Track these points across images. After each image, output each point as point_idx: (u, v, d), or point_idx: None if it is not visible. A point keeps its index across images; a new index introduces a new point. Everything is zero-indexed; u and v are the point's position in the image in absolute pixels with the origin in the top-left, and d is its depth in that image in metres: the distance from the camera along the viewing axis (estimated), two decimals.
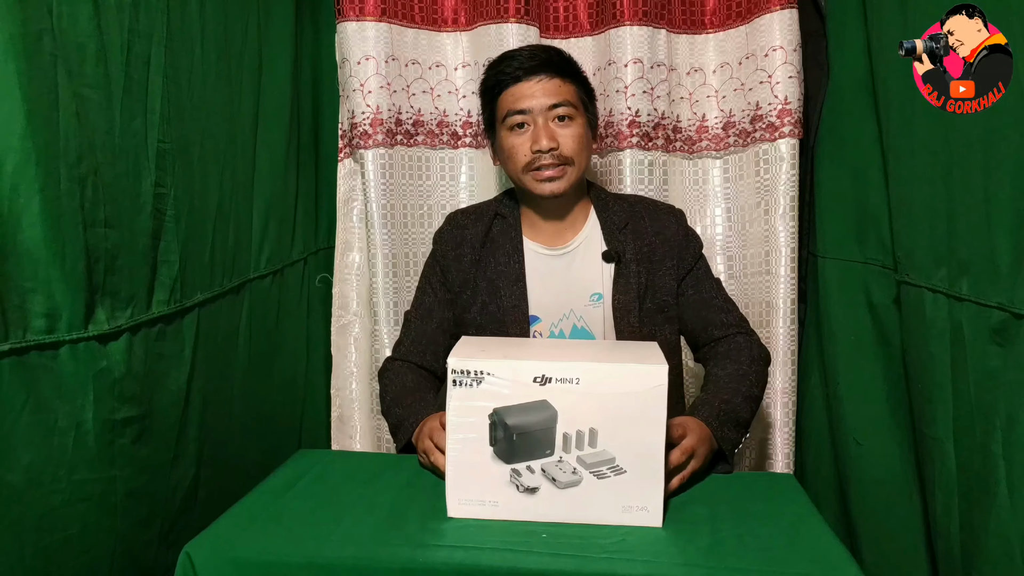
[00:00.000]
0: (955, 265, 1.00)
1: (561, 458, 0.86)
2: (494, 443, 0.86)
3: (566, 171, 1.17)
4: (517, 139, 1.18)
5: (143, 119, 0.98)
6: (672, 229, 1.25)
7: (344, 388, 1.70)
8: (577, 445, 0.86)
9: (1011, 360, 0.88)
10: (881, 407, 1.28)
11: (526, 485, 0.87)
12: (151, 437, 1.00)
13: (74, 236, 0.84)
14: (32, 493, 0.80)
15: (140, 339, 0.97)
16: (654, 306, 1.21)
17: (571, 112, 1.17)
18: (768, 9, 1.52)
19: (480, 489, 0.87)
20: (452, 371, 0.86)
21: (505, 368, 0.85)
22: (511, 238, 1.24)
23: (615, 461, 0.86)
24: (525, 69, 1.17)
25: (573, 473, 0.86)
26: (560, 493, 0.86)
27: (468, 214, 1.31)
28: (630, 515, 0.86)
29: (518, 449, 0.86)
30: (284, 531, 0.85)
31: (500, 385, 0.85)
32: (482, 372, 0.85)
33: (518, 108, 1.17)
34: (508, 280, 1.21)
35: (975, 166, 0.94)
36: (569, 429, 0.85)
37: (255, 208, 1.36)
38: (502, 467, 0.87)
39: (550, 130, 1.16)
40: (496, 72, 1.20)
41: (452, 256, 1.26)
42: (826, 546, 0.81)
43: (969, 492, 0.98)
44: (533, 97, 1.16)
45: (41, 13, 0.80)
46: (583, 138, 1.18)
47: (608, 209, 1.26)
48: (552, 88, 1.16)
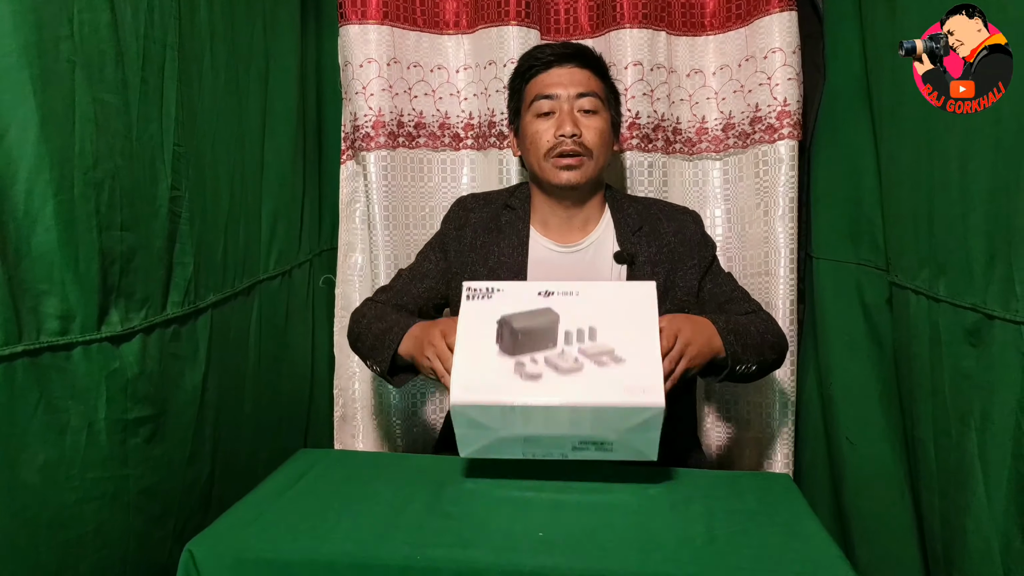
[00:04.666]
0: (934, 266, 1.01)
1: (563, 351, 0.91)
2: (500, 341, 0.92)
3: (584, 162, 1.18)
4: (542, 125, 1.20)
5: (159, 124, 1.00)
6: (691, 229, 1.27)
7: (347, 388, 1.71)
8: (579, 339, 0.92)
9: (984, 361, 0.90)
10: (873, 407, 1.30)
11: (529, 373, 0.90)
12: (165, 436, 1.01)
13: (88, 239, 0.86)
14: (46, 491, 0.82)
15: (154, 340, 0.99)
16: (673, 307, 1.22)
17: (597, 105, 1.19)
18: (767, 11, 1.53)
19: (485, 377, 0.90)
20: (467, 288, 0.96)
21: (513, 286, 0.97)
22: (518, 230, 1.25)
23: (615, 352, 0.90)
24: (558, 56, 1.20)
25: (575, 362, 0.90)
26: (562, 378, 0.89)
27: (478, 198, 1.33)
28: (633, 396, 0.87)
29: (523, 345, 0.92)
30: (286, 529, 0.87)
31: (509, 298, 0.95)
32: (492, 289, 0.97)
33: (546, 93, 1.19)
34: (509, 271, 1.22)
35: (953, 168, 0.96)
36: (571, 327, 0.92)
37: (264, 210, 1.38)
38: (507, 360, 0.91)
39: (575, 117, 1.18)
40: (529, 58, 1.24)
41: (454, 236, 1.28)
42: (820, 546, 0.83)
43: (948, 491, 0.99)
44: (561, 84, 1.19)
45: (60, 21, 0.81)
46: (606, 133, 1.21)
47: (623, 211, 1.27)
48: (582, 78, 1.19)
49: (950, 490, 0.99)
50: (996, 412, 0.87)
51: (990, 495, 0.88)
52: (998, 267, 0.86)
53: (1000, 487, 0.86)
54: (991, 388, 0.88)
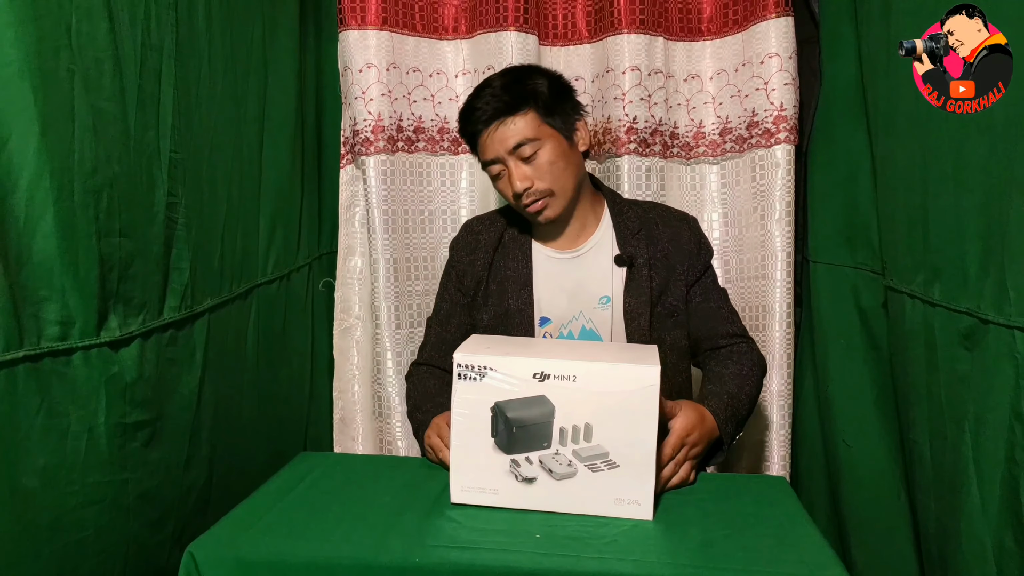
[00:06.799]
0: (929, 271, 1.02)
1: (558, 451, 0.90)
2: (495, 434, 0.91)
3: (549, 202, 1.19)
4: (500, 184, 1.22)
5: (156, 131, 1.01)
6: (686, 236, 1.27)
7: (346, 391, 1.72)
8: (573, 439, 0.90)
9: (978, 364, 0.90)
10: (869, 409, 1.30)
11: (524, 475, 0.91)
12: (163, 440, 1.02)
13: (88, 246, 0.87)
14: (46, 495, 0.83)
15: (152, 344, 1.00)
16: (665, 311, 1.23)
17: (536, 145, 1.17)
18: (764, 17, 1.54)
19: (481, 477, 0.92)
20: (457, 365, 0.91)
21: (507, 364, 0.90)
22: (521, 244, 1.28)
23: (608, 456, 0.90)
24: (483, 121, 1.18)
25: (568, 465, 0.90)
26: (556, 484, 0.91)
27: (483, 220, 1.35)
28: (622, 508, 0.90)
29: (517, 441, 0.90)
30: (286, 531, 0.88)
31: (502, 380, 0.90)
32: (485, 367, 0.90)
33: (487, 159, 1.21)
34: (516, 284, 1.25)
35: (948, 174, 0.96)
36: (566, 424, 0.90)
37: (262, 214, 1.39)
38: (502, 457, 0.91)
39: (521, 170, 1.17)
40: (464, 123, 1.23)
41: (467, 261, 1.30)
42: (814, 548, 0.83)
43: (942, 494, 1.00)
44: (494, 148, 1.18)
45: (59, 31, 0.82)
46: (556, 163, 1.18)
47: (623, 214, 1.28)
48: (511, 131, 1.17)
49: (945, 492, 0.99)
50: (990, 415, 0.87)
51: (984, 497, 0.89)
52: (992, 272, 0.87)
53: (994, 489, 0.87)
54: (985, 391, 0.88)
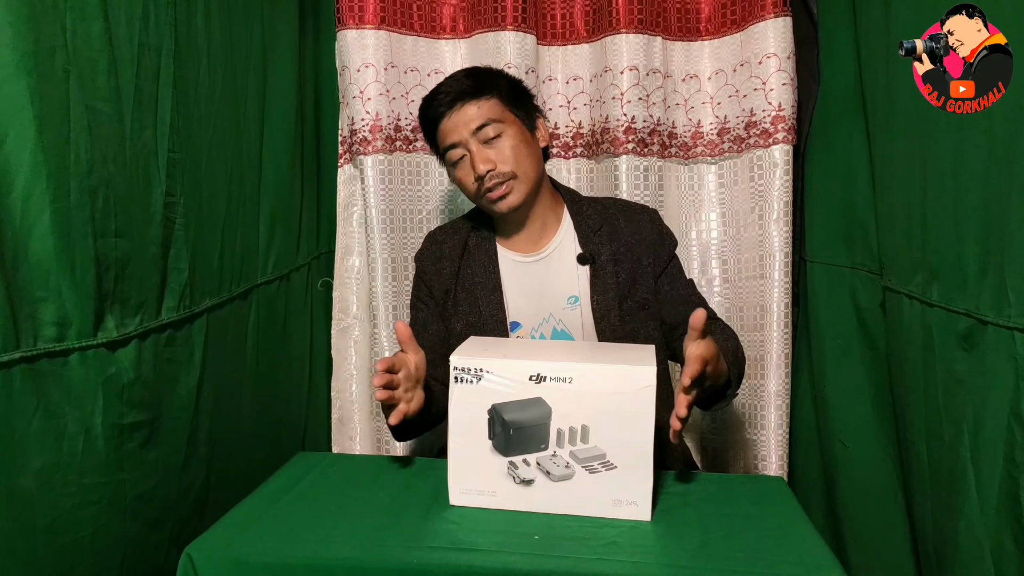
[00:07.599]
0: (927, 271, 1.02)
1: (555, 452, 0.90)
2: (493, 436, 0.91)
3: (513, 185, 1.19)
4: (461, 171, 1.22)
5: (153, 130, 1.01)
6: (647, 228, 1.28)
7: (344, 391, 1.72)
8: (570, 440, 0.90)
9: (976, 365, 0.90)
10: (866, 410, 1.30)
11: (522, 477, 0.91)
12: (161, 441, 1.02)
13: (84, 246, 0.86)
14: (43, 496, 0.82)
15: (149, 345, 0.99)
16: (635, 304, 1.24)
17: (499, 128, 1.19)
18: (762, 17, 1.54)
19: (479, 480, 0.92)
20: (454, 368, 0.91)
21: (503, 367, 0.90)
22: (486, 249, 1.28)
23: (606, 457, 0.90)
24: (446, 103, 1.20)
25: (566, 467, 0.90)
26: (554, 486, 0.91)
27: (445, 230, 1.35)
28: (620, 509, 0.90)
29: (514, 443, 0.91)
30: (284, 532, 0.87)
31: (498, 382, 0.90)
32: (481, 370, 0.90)
33: (448, 143, 1.21)
34: (485, 290, 1.25)
35: (946, 174, 0.96)
36: (563, 425, 0.90)
37: (261, 214, 1.39)
38: (500, 460, 0.91)
39: (483, 153, 1.18)
40: (426, 110, 1.24)
41: (433, 271, 1.30)
42: (812, 548, 0.83)
43: (940, 495, 1.00)
44: (457, 129, 1.19)
45: (54, 31, 0.82)
46: (519, 147, 1.20)
47: (582, 212, 1.29)
48: (474, 113, 1.19)
49: (942, 493, 0.99)
50: (988, 416, 0.88)
51: (982, 498, 0.89)
52: (991, 273, 0.87)
53: (992, 490, 0.87)
54: (984, 392, 0.88)
